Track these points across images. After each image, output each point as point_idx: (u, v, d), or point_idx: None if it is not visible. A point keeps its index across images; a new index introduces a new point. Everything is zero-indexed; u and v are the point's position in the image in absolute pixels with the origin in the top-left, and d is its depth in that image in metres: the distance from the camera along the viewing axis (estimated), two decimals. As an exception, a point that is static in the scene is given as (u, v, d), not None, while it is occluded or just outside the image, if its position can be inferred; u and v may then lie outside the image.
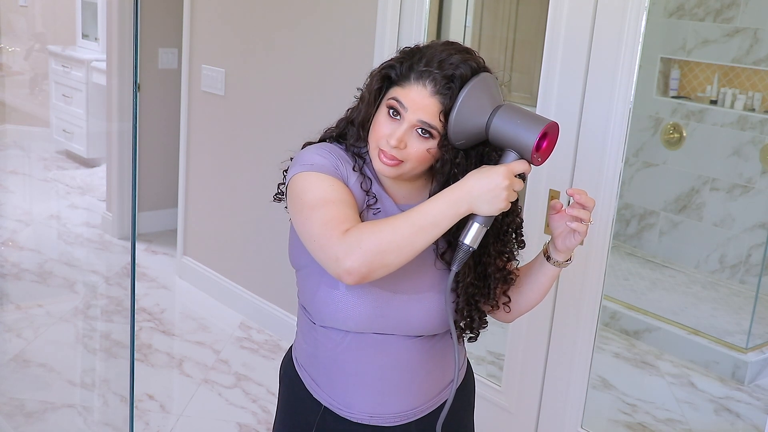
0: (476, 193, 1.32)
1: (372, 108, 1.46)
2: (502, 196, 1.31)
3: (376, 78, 1.47)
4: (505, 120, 1.34)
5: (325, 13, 3.34)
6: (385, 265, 1.32)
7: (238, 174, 3.89)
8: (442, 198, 1.33)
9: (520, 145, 1.33)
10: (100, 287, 4.17)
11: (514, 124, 1.33)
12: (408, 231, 1.31)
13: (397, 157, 1.41)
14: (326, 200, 1.39)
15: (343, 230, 1.33)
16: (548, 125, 1.33)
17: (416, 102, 1.40)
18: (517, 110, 1.35)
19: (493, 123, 1.35)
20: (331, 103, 3.27)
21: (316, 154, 1.47)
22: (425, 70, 1.40)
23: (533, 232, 2.54)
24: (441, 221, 1.32)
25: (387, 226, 1.32)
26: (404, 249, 1.31)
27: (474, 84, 1.36)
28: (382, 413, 1.52)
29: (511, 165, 1.33)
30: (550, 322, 2.61)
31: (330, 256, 1.33)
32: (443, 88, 1.39)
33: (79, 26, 5.92)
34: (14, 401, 3.00)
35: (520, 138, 1.33)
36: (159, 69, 4.72)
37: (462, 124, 1.36)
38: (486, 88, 1.37)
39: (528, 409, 2.73)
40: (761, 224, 4.04)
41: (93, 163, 5.73)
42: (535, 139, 1.32)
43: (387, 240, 1.31)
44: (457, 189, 1.33)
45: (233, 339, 3.70)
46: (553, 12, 2.46)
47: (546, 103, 2.51)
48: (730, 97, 4.12)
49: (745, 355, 3.56)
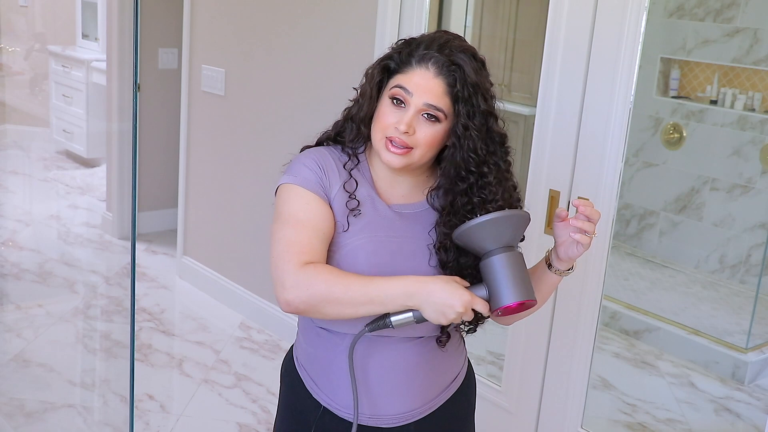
0: (432, 300, 1.33)
1: (374, 101, 1.47)
2: (450, 316, 1.33)
3: (376, 70, 1.48)
4: (503, 266, 1.35)
5: (325, 14, 3.34)
6: (322, 314, 1.37)
7: (238, 174, 3.89)
8: (400, 284, 1.34)
9: (496, 294, 1.35)
10: (100, 287, 4.17)
11: (506, 276, 1.34)
12: (357, 297, 1.34)
13: (407, 144, 1.42)
14: (297, 220, 1.43)
15: (302, 262, 1.37)
16: (529, 301, 1.35)
17: (420, 85, 1.41)
18: (517, 267, 1.36)
19: (491, 258, 1.36)
20: (330, 103, 3.27)
21: (304, 166, 1.48)
22: (426, 53, 1.42)
23: (533, 232, 2.54)
24: (389, 304, 1.35)
25: (340, 282, 1.35)
26: (345, 310, 1.36)
27: (510, 215, 1.36)
28: (381, 414, 1.52)
29: (476, 300, 1.34)
30: (550, 322, 2.61)
31: (279, 279, 1.38)
32: (446, 69, 1.41)
33: (79, 26, 5.92)
34: (14, 401, 3.00)
35: (501, 291, 1.34)
36: (159, 69, 4.72)
37: (472, 236, 1.37)
38: (515, 225, 1.38)
39: (528, 409, 2.73)
40: (761, 224, 4.04)
41: (93, 163, 5.73)
42: (510, 303, 1.33)
43: (335, 295, 1.34)
44: (419, 285, 1.34)
45: (233, 339, 3.70)
46: (553, 12, 2.46)
47: (546, 103, 2.51)
48: (730, 97, 4.12)
49: (745, 355, 3.56)
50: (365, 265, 1.46)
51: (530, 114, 3.61)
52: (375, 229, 1.48)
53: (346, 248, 1.47)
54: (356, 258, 1.46)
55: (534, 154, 2.56)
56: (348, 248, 1.47)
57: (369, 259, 1.46)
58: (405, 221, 1.51)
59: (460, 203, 1.46)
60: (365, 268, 1.46)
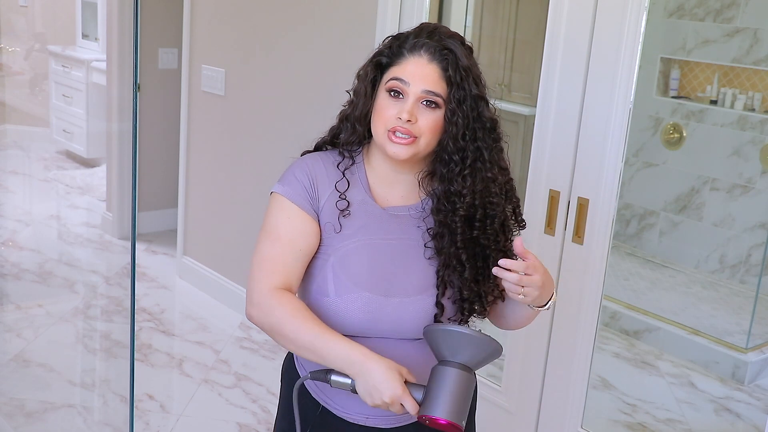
0: (366, 377, 1.34)
1: (369, 99, 1.47)
2: (375, 401, 1.34)
3: (369, 68, 1.48)
4: (452, 382, 1.32)
5: (324, 14, 3.34)
6: (276, 340, 1.45)
7: (238, 174, 3.89)
8: (346, 348, 1.36)
9: (431, 402, 1.32)
10: (100, 287, 4.17)
11: (449, 393, 1.32)
12: (303, 343, 1.39)
13: (411, 132, 1.42)
14: (277, 235, 1.47)
15: (273, 284, 1.44)
16: (459, 427, 1.31)
17: (416, 73, 1.42)
18: (464, 390, 1.33)
19: (445, 369, 1.33)
20: (330, 103, 3.26)
21: (294, 176, 1.50)
22: (417, 41, 1.45)
23: (533, 232, 2.54)
24: (329, 361, 1.38)
25: (294, 323, 1.40)
26: (291, 347, 1.44)
27: (484, 341, 1.32)
28: (379, 414, 1.52)
29: (407, 398, 1.33)
30: (550, 322, 2.61)
31: (249, 290, 1.47)
32: (439, 53, 1.43)
33: (79, 26, 5.92)
34: (14, 401, 3.00)
35: (437, 402, 1.32)
36: (159, 69, 4.72)
37: (438, 338, 1.35)
38: (483, 352, 1.34)
39: (528, 409, 2.73)
40: (761, 224, 4.03)
41: (93, 163, 5.73)
42: (440, 418, 1.30)
43: (284, 332, 1.41)
44: (362, 358, 1.35)
45: (233, 339, 3.70)
46: (553, 12, 2.46)
47: (546, 103, 2.51)
48: (730, 97, 4.12)
49: (745, 355, 3.55)
50: (363, 268, 1.46)
51: (530, 114, 3.61)
52: (370, 232, 1.49)
53: (341, 251, 1.47)
54: (353, 262, 1.47)
55: (534, 154, 2.56)
56: (343, 251, 1.47)
57: (366, 263, 1.47)
58: (399, 223, 1.51)
59: (452, 190, 1.46)
60: (363, 271, 1.46)
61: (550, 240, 2.53)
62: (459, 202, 1.46)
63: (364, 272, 1.46)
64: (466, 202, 1.46)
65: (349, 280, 1.46)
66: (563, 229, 2.51)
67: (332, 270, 1.47)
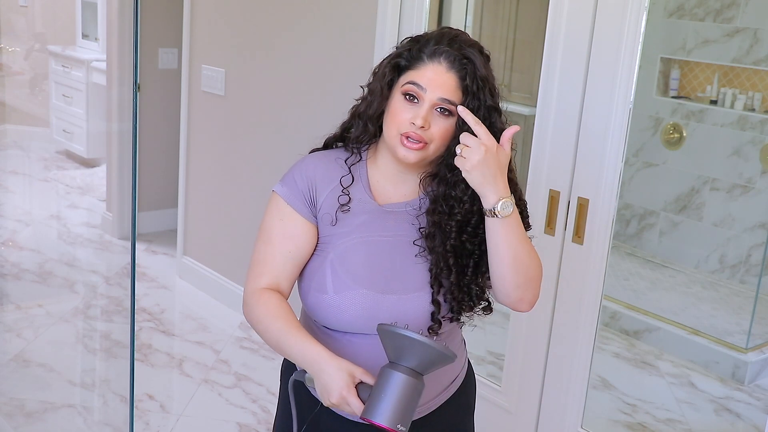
0: (318, 377, 1.38)
1: (384, 99, 1.47)
2: (325, 400, 1.38)
3: (387, 68, 1.48)
4: (398, 387, 1.31)
5: (325, 14, 3.34)
6: (262, 339, 1.52)
7: (238, 174, 3.89)
8: (305, 348, 1.40)
9: (374, 405, 1.31)
10: (100, 287, 4.17)
11: (393, 397, 1.31)
12: (272, 343, 1.47)
13: (423, 138, 1.43)
14: (270, 236, 1.51)
15: (261, 286, 1.50)
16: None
17: (433, 80, 1.42)
18: (410, 396, 1.32)
19: (393, 373, 1.32)
20: (331, 103, 3.27)
21: (293, 177, 1.52)
22: (437, 47, 1.44)
23: (533, 233, 2.53)
24: (296, 362, 1.45)
25: (266, 323, 1.47)
26: (271, 347, 1.50)
27: (439, 351, 1.31)
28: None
29: (353, 399, 1.34)
30: (550, 323, 2.61)
31: (245, 288, 1.53)
32: (458, 63, 1.43)
33: (79, 26, 5.92)
34: (14, 401, 3.00)
35: (380, 405, 1.31)
36: (159, 69, 4.72)
37: (391, 340, 1.33)
38: (435, 361, 1.33)
39: (528, 409, 2.73)
40: (761, 224, 4.03)
41: (93, 163, 5.73)
42: (380, 422, 1.30)
43: (261, 331, 1.49)
44: (318, 359, 1.38)
45: (233, 339, 3.70)
46: (553, 12, 2.46)
47: (546, 103, 2.51)
48: (730, 97, 4.12)
49: (745, 355, 3.55)
50: (361, 266, 1.47)
51: (530, 114, 3.61)
52: (367, 229, 1.49)
53: (339, 249, 1.48)
54: (351, 259, 1.47)
55: (534, 154, 2.56)
56: (342, 249, 1.48)
57: (364, 260, 1.48)
58: (395, 219, 1.52)
59: (452, 194, 1.46)
60: (361, 268, 1.47)
61: (550, 240, 2.53)
62: (458, 207, 1.46)
63: (362, 269, 1.47)
64: (465, 208, 1.46)
65: (347, 277, 1.47)
66: (563, 229, 2.51)
67: (331, 267, 1.48)
